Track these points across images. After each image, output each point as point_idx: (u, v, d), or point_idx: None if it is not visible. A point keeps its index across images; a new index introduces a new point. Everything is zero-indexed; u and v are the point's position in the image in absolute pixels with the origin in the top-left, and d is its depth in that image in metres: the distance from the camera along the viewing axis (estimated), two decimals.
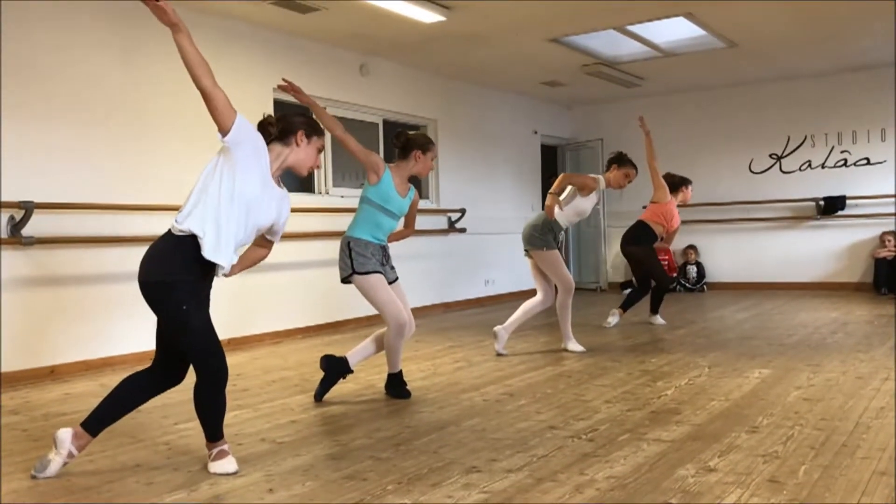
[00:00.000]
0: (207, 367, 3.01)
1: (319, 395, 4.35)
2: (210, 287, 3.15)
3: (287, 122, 3.23)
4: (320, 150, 3.31)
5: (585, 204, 5.72)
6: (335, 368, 4.36)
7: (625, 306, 7.17)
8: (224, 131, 2.94)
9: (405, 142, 4.38)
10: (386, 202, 4.25)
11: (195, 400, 3.06)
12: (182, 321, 2.96)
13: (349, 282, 4.29)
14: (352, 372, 4.43)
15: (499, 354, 5.71)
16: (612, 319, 7.11)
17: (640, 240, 7.05)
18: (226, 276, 3.15)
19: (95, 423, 3.14)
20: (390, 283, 4.33)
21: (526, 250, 5.69)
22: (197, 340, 2.99)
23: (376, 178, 4.24)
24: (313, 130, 3.27)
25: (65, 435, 3.10)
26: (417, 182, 4.25)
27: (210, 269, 3.05)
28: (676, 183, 7.21)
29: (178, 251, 2.97)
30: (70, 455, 3.10)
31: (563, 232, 5.80)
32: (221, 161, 3.00)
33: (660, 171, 7.02)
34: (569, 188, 5.74)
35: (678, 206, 7.21)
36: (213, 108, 2.90)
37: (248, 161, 3.00)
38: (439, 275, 9.03)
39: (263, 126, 3.19)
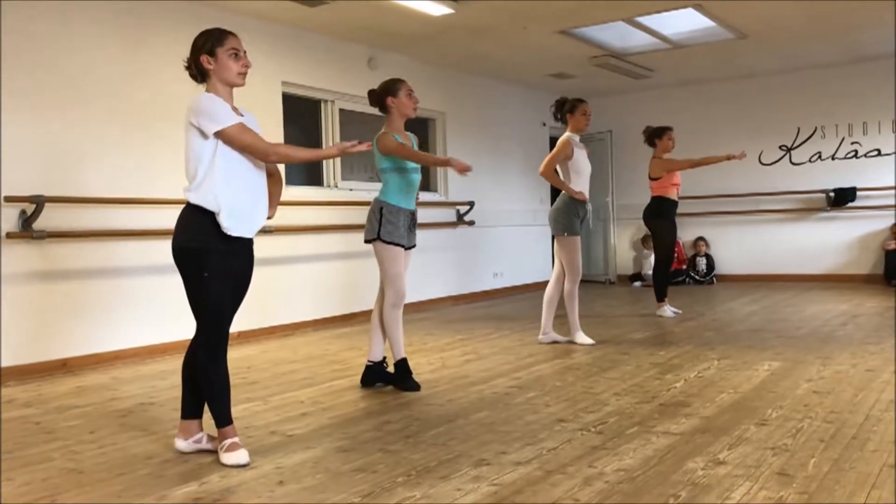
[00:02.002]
0: (211, 334, 3.12)
1: (367, 382, 4.53)
2: (246, 243, 3.22)
3: (192, 60, 3.16)
4: (234, 52, 3.13)
5: (579, 163, 5.70)
6: (378, 377, 4.52)
7: (660, 297, 7.26)
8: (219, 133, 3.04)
9: (376, 98, 4.43)
10: (405, 162, 4.34)
11: (197, 369, 3.16)
12: (199, 285, 3.08)
13: (370, 242, 4.38)
14: (386, 365, 4.54)
15: (557, 342, 5.82)
16: (667, 312, 7.18)
17: (658, 213, 7.19)
18: (268, 218, 3.30)
19: (191, 406, 3.29)
20: (409, 248, 4.45)
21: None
22: (208, 306, 3.09)
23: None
24: (213, 44, 3.12)
25: (181, 445, 3.27)
26: (414, 126, 4.27)
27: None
28: (652, 137, 7.27)
29: (199, 219, 3.07)
30: (202, 443, 3.27)
31: (588, 204, 5.77)
32: (215, 141, 3.05)
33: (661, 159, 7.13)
34: (558, 167, 5.75)
35: (666, 155, 7.25)
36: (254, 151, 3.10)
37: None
38: (448, 267, 9.04)
39: (192, 76, 3.22)
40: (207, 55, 3.12)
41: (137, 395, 4.46)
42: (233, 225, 3.07)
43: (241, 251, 3.19)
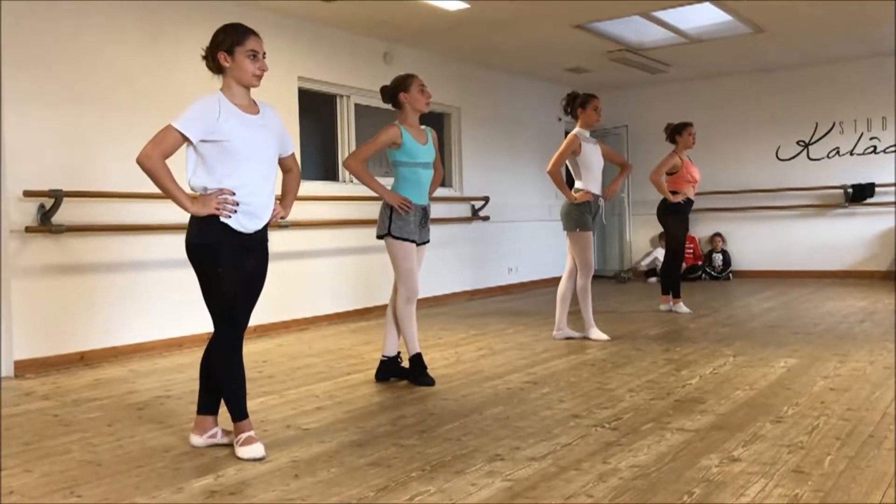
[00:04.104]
0: (225, 329, 3.14)
1: (381, 376, 4.55)
2: (260, 239, 3.23)
3: (209, 53, 3.16)
4: (252, 54, 3.11)
5: (588, 158, 5.67)
6: (393, 371, 4.53)
7: (674, 294, 7.24)
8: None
9: (388, 94, 4.45)
10: (414, 157, 4.36)
11: (211, 362, 3.20)
12: (212, 281, 3.10)
13: (382, 238, 4.40)
14: (401, 360, 4.56)
15: (571, 339, 5.81)
16: (682, 309, 7.16)
17: (672, 210, 7.18)
18: (283, 218, 3.33)
19: (207, 402, 3.31)
20: (422, 243, 4.47)
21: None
22: (221, 302, 3.11)
23: (397, 145, 4.34)
24: (232, 43, 3.09)
25: (196, 441, 3.29)
26: (429, 121, 4.27)
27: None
28: (673, 133, 7.24)
29: (210, 215, 3.07)
30: (217, 438, 3.29)
31: (601, 199, 5.77)
32: (205, 148, 3.09)
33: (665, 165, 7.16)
34: (568, 163, 5.74)
35: (687, 152, 7.24)
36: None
37: (220, 132, 3.06)
38: (463, 262, 9.04)
39: (208, 67, 3.22)
40: (225, 53, 3.11)
41: (154, 389, 4.50)
42: (234, 223, 3.09)
43: (254, 247, 3.20)
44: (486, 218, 9.33)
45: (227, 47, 3.11)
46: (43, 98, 5.22)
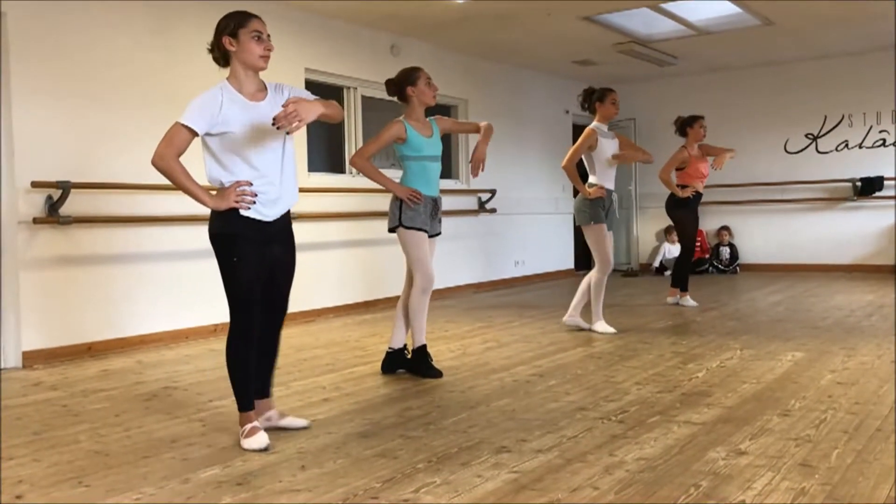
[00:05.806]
0: (239, 318, 3.16)
1: (387, 369, 4.56)
2: (283, 226, 3.25)
3: (215, 42, 3.16)
4: (257, 35, 3.10)
5: (604, 153, 5.66)
6: (399, 364, 4.54)
7: (682, 287, 7.22)
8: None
9: (394, 88, 4.46)
10: (420, 150, 4.37)
11: (225, 353, 3.23)
12: (229, 270, 3.12)
13: (394, 231, 4.41)
14: (407, 352, 4.55)
15: (579, 329, 5.83)
16: (689, 302, 7.13)
17: (681, 203, 7.15)
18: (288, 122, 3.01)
19: (245, 398, 3.23)
20: (434, 235, 4.47)
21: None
22: (238, 293, 3.13)
23: (402, 140, 4.34)
24: (236, 26, 3.10)
25: (254, 440, 3.15)
26: (438, 112, 4.27)
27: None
28: (683, 126, 7.19)
29: (230, 207, 3.09)
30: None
31: (613, 193, 5.75)
32: (212, 141, 3.10)
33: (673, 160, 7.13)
34: (583, 157, 5.73)
35: (699, 145, 7.20)
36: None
37: (225, 123, 3.06)
38: (469, 255, 9.03)
39: (215, 59, 3.22)
40: (230, 37, 3.12)
41: (162, 380, 4.51)
42: (254, 213, 3.11)
43: (277, 235, 3.22)
44: (493, 210, 9.32)
45: (231, 31, 3.12)
46: (51, 90, 5.22)
